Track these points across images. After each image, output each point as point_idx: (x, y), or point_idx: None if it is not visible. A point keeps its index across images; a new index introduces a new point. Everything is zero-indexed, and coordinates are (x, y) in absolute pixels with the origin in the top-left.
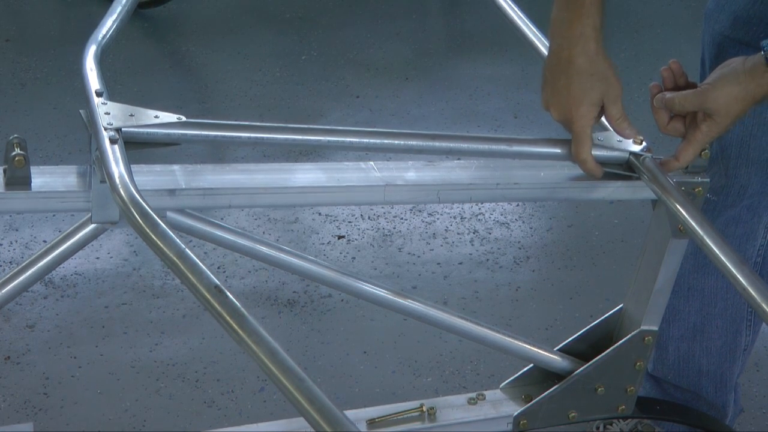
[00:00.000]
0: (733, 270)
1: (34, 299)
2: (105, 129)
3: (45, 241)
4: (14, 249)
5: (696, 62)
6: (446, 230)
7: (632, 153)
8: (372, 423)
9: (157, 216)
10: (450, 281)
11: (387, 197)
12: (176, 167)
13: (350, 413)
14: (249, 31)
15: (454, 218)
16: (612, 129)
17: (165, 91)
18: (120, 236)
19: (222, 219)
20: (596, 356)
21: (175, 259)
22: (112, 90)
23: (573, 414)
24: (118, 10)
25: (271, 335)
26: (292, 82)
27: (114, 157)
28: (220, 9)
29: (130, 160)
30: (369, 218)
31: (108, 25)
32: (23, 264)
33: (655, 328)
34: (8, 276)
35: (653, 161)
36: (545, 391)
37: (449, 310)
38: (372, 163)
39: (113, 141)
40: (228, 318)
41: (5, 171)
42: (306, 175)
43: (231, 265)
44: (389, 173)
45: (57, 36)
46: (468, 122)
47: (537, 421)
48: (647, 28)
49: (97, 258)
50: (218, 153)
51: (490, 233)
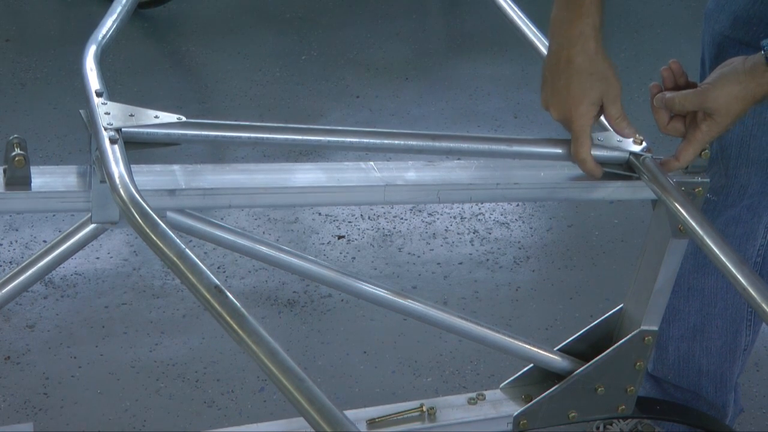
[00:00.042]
0: (733, 270)
1: (34, 299)
2: (105, 129)
3: (45, 241)
4: (14, 249)
5: (696, 62)
6: (446, 230)
7: (632, 153)
8: (372, 423)
9: (157, 216)
10: (450, 281)
11: (387, 197)
12: (176, 167)
13: (350, 413)
14: (249, 31)
15: (454, 218)
16: (611, 128)
17: (165, 91)
18: (120, 236)
19: (222, 219)
20: (596, 356)
21: (175, 259)
22: (112, 90)
23: (573, 414)
24: (118, 10)
25: (271, 335)
26: (292, 82)
27: (114, 157)
28: (220, 9)
29: (130, 160)
30: (369, 218)
31: (108, 25)
32: (23, 264)
33: (655, 328)
34: (8, 276)
35: (653, 161)
36: (545, 391)
37: (449, 310)
38: (372, 163)
39: (113, 141)
40: (228, 318)
41: (5, 171)
42: (306, 175)
43: (231, 265)
44: (389, 173)
45: (57, 36)
46: (468, 122)
47: (537, 421)
48: (647, 28)
49: (97, 258)
50: (218, 153)
51: (490, 233)
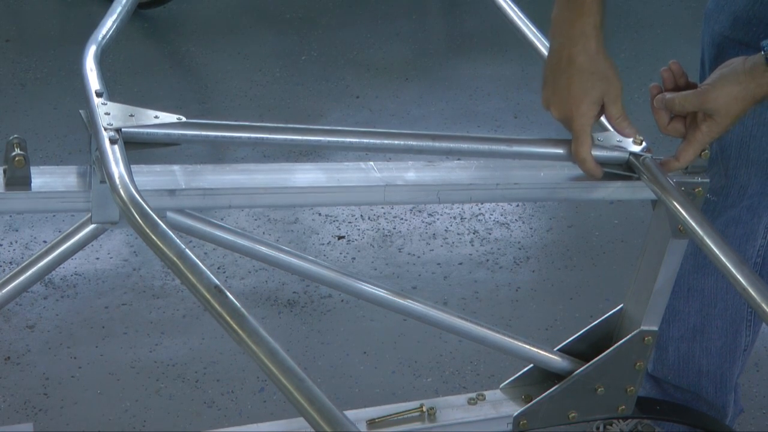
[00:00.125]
0: (733, 270)
1: (34, 299)
2: (105, 129)
3: (45, 241)
4: (14, 249)
5: (696, 63)
6: (446, 230)
7: (632, 153)
8: (372, 423)
9: (157, 216)
10: (450, 281)
11: (387, 197)
12: (176, 167)
13: (350, 413)
14: (249, 31)
15: (454, 218)
16: (612, 128)
17: (165, 91)
18: (120, 236)
19: (222, 219)
20: (596, 356)
21: (175, 259)
22: (112, 90)
23: (573, 414)
24: (118, 10)
25: (271, 335)
26: (292, 82)
27: (114, 158)
28: (220, 9)
29: (130, 160)
30: (369, 218)
31: (108, 25)
32: (23, 264)
33: (655, 329)
34: (8, 276)
35: (653, 161)
36: (545, 392)
37: (449, 311)
38: (372, 164)
39: (113, 141)
40: (228, 318)
41: (5, 171)
42: (306, 175)
43: (231, 265)
44: (389, 173)
45: (57, 36)
46: (468, 122)
47: (537, 421)
48: (647, 28)
49: (97, 258)
50: (218, 153)
51: (490, 233)
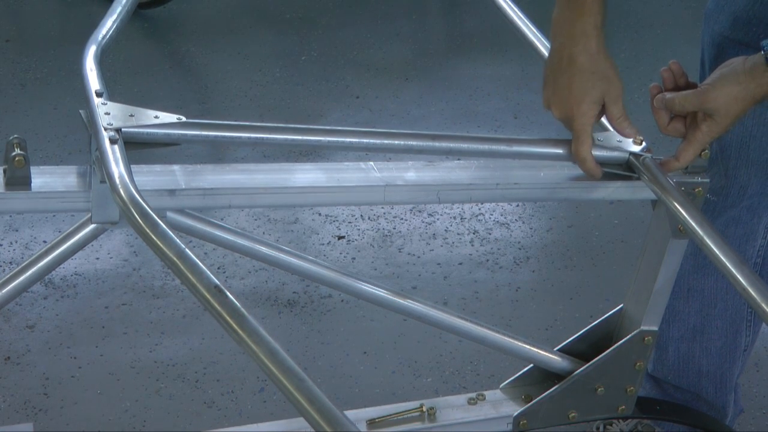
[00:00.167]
0: (733, 270)
1: (34, 299)
2: (105, 129)
3: (45, 241)
4: (14, 249)
5: (696, 63)
6: (446, 230)
7: (632, 153)
8: (372, 423)
9: (157, 216)
10: (450, 281)
11: (387, 197)
12: (176, 167)
13: (350, 413)
14: (249, 31)
15: (454, 218)
16: (612, 128)
17: (165, 91)
18: (120, 236)
19: (222, 219)
20: (596, 356)
21: (175, 259)
22: (112, 90)
23: (573, 414)
24: (118, 10)
25: (271, 335)
26: (292, 83)
27: (114, 158)
28: (220, 9)
29: (130, 160)
30: (369, 218)
31: (108, 25)
32: (23, 264)
33: (655, 329)
34: (8, 276)
35: (653, 161)
36: (545, 391)
37: (449, 311)
38: (372, 164)
39: (113, 141)
40: (228, 318)
41: (5, 171)
42: (306, 175)
43: (231, 265)
44: (389, 173)
45: (57, 36)
46: (468, 122)
47: (537, 421)
48: (647, 28)
49: (97, 258)
50: (218, 153)
51: (490, 233)
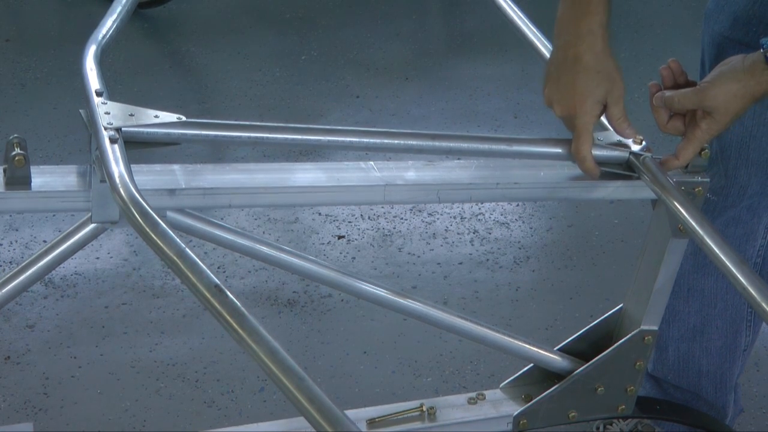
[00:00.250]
0: (733, 270)
1: (34, 299)
2: (105, 129)
3: (45, 241)
4: (14, 249)
5: (696, 63)
6: (446, 230)
7: (632, 152)
8: (372, 423)
9: (157, 216)
10: (450, 281)
11: (387, 197)
12: (176, 167)
13: (350, 413)
14: (249, 31)
15: (454, 218)
16: (612, 129)
17: (165, 91)
18: (120, 236)
19: (222, 219)
20: (596, 356)
21: (175, 259)
22: (112, 90)
23: (573, 414)
24: (118, 10)
25: (271, 335)
26: (292, 82)
27: (114, 157)
28: (220, 9)
29: (130, 160)
30: (369, 218)
31: (108, 25)
32: (23, 264)
33: (655, 328)
34: (8, 276)
35: (653, 161)
36: (545, 391)
37: (449, 310)
38: (372, 163)
39: (113, 141)
40: (228, 318)
41: (5, 171)
42: (306, 175)
43: (231, 265)
44: (389, 173)
45: (57, 36)
46: (468, 122)
47: (537, 421)
48: (647, 28)
49: (97, 258)
50: (218, 153)
51: (490, 233)
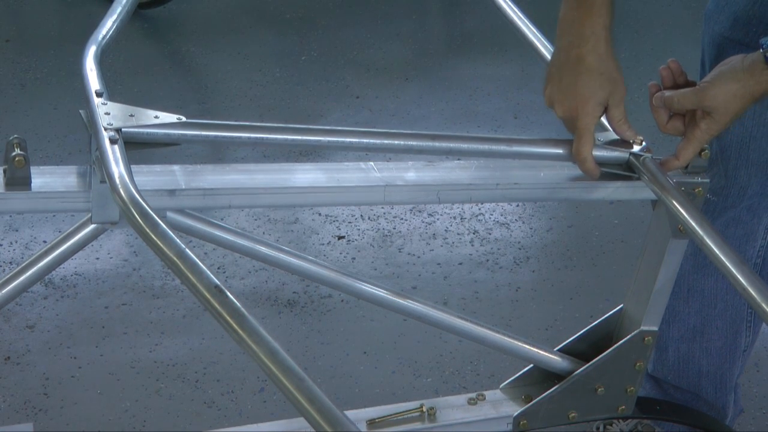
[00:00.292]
0: (733, 270)
1: (34, 299)
2: (105, 129)
3: (45, 241)
4: (14, 249)
5: (696, 63)
6: (446, 230)
7: (632, 153)
8: (372, 423)
9: (157, 216)
10: (450, 281)
11: (387, 197)
12: (176, 167)
13: (350, 413)
14: (249, 31)
15: (454, 218)
16: (612, 130)
17: (165, 91)
18: (120, 236)
19: (222, 219)
20: (596, 356)
21: (175, 259)
22: (112, 90)
23: (573, 414)
24: (118, 10)
25: (271, 335)
26: (292, 82)
27: (114, 158)
28: (220, 9)
29: (130, 160)
30: (369, 218)
31: (108, 25)
32: (23, 264)
33: (655, 329)
34: (8, 276)
35: (653, 161)
36: (545, 392)
37: (449, 311)
38: (372, 164)
39: (113, 141)
40: (228, 318)
41: (5, 171)
42: (306, 175)
43: (231, 265)
44: (389, 173)
45: (57, 36)
46: (468, 122)
47: (537, 422)
48: (647, 28)
49: (97, 258)
50: (218, 153)
51: (490, 233)
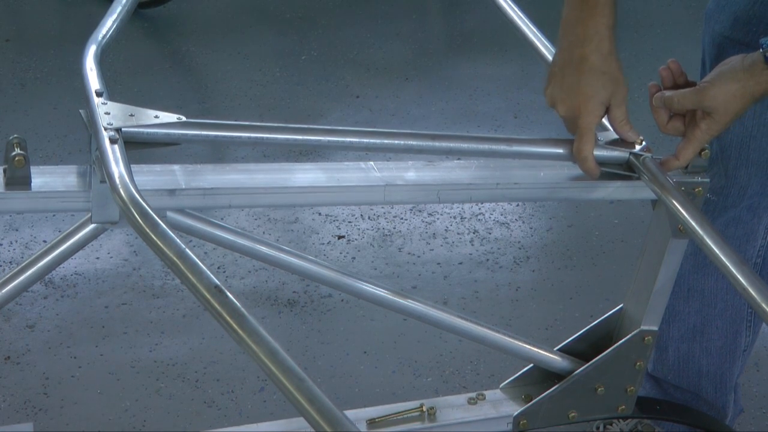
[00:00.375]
0: (733, 270)
1: (34, 299)
2: (105, 129)
3: (45, 241)
4: (14, 249)
5: (696, 63)
6: (446, 230)
7: (632, 153)
8: (372, 423)
9: (157, 216)
10: (450, 281)
11: (387, 197)
12: (176, 167)
13: (350, 413)
14: (249, 31)
15: (454, 218)
16: (614, 131)
17: (165, 91)
18: (120, 236)
19: (222, 219)
20: (596, 356)
21: (175, 259)
22: (112, 90)
23: (573, 414)
24: (118, 10)
25: (271, 335)
26: (292, 82)
27: (114, 157)
28: (220, 9)
29: (130, 160)
30: (369, 218)
31: (108, 25)
32: (23, 264)
33: (655, 328)
34: (8, 276)
35: (653, 161)
36: (545, 391)
37: (449, 310)
38: (372, 163)
39: (113, 141)
40: (228, 318)
41: (5, 171)
42: (306, 175)
43: (231, 265)
44: (389, 173)
45: (57, 36)
46: (468, 122)
47: (537, 421)
48: (647, 28)
49: (97, 258)
50: (218, 153)
51: (490, 233)
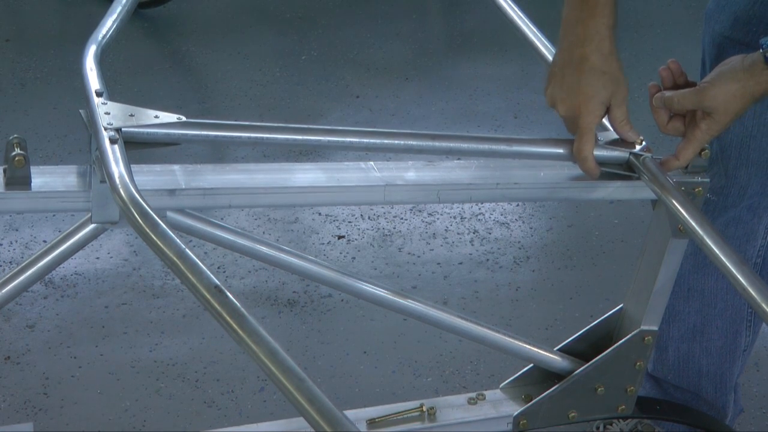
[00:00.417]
0: (733, 270)
1: (34, 299)
2: (105, 129)
3: (45, 241)
4: (14, 249)
5: (696, 63)
6: (446, 230)
7: (632, 153)
8: (372, 423)
9: (157, 216)
10: (450, 281)
11: (387, 197)
12: (176, 167)
13: (350, 413)
14: (249, 31)
15: (454, 218)
16: (614, 131)
17: (165, 91)
18: (120, 236)
19: (222, 219)
20: (596, 356)
21: (175, 259)
22: (112, 90)
23: (573, 414)
24: (118, 10)
25: (271, 335)
26: (292, 82)
27: (114, 157)
28: (220, 9)
29: (130, 160)
30: (369, 218)
31: (108, 25)
32: (23, 264)
33: (655, 328)
34: (8, 276)
35: (653, 161)
36: (545, 391)
37: (449, 310)
38: (372, 163)
39: (113, 141)
40: (228, 318)
41: (5, 171)
42: (306, 175)
43: (231, 265)
44: (389, 173)
45: (57, 36)
46: (468, 122)
47: (537, 421)
48: (647, 28)
49: (97, 258)
50: (218, 153)
51: (490, 233)
